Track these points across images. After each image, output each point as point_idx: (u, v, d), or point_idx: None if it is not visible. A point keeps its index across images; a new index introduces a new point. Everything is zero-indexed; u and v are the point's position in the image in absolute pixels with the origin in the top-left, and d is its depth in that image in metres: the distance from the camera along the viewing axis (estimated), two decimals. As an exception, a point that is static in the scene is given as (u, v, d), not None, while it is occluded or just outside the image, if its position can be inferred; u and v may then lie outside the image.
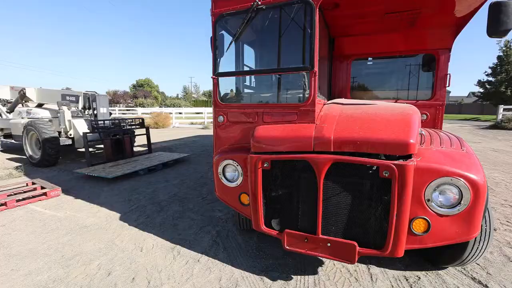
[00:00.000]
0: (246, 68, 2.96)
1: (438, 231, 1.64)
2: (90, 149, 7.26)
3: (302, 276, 2.08)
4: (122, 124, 6.34)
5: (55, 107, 6.74)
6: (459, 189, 1.57)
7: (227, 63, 2.65)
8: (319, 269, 2.16)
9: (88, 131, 5.79)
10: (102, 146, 6.40)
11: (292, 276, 2.08)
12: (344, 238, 1.78)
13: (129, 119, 6.74)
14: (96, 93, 6.87)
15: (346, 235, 1.78)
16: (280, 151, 1.88)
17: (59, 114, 6.29)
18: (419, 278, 2.05)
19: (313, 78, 1.97)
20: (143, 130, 6.81)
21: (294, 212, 1.94)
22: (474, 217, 1.59)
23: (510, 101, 23.08)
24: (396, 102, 3.20)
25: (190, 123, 19.28)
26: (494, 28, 1.89)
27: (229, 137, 2.38)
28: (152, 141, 8.62)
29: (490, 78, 26.19)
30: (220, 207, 3.45)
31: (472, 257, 1.89)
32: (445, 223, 1.63)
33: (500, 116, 15.19)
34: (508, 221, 3.03)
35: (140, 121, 6.76)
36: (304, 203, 1.88)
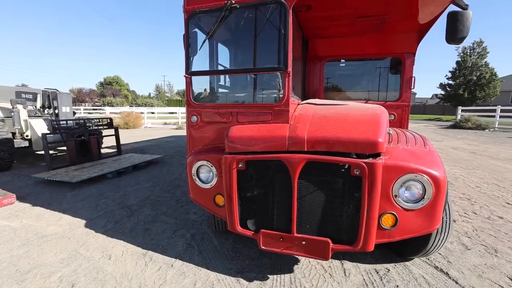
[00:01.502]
0: (220, 68, 2.92)
1: (405, 225, 1.74)
2: (51, 152, 6.72)
3: (279, 275, 2.09)
4: (88, 125, 5.95)
5: (9, 105, 6.13)
6: (423, 184, 1.67)
7: (201, 62, 2.58)
8: (295, 267, 2.19)
9: (48, 132, 5.35)
10: (65, 148, 5.94)
11: (269, 276, 2.09)
12: (318, 235, 1.82)
13: (96, 119, 6.33)
14: (57, 90, 6.36)
15: (320, 232, 1.82)
16: (255, 151, 1.88)
17: (13, 114, 5.73)
18: (388, 270, 2.15)
19: (287, 79, 1.99)
20: (112, 131, 6.44)
21: (269, 212, 1.94)
22: (435, 210, 1.70)
23: (468, 103, 25.51)
24: (366, 102, 3.34)
25: (163, 123, 18.66)
26: (452, 36, 2.05)
27: (203, 138, 2.32)
28: (122, 142, 8.19)
29: (450, 82, 28.76)
30: (195, 210, 3.36)
31: (434, 247, 2.03)
32: (411, 217, 1.72)
33: (459, 117, 16.69)
34: (465, 213, 3.30)
35: (108, 121, 6.39)
36: (279, 203, 1.89)
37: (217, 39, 2.85)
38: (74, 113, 6.95)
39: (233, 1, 2.03)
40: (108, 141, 8.13)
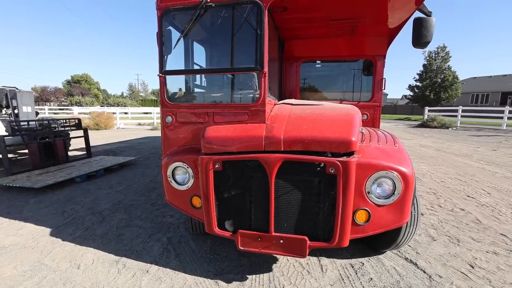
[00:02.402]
0: (196, 67, 2.86)
1: (377, 220, 1.82)
2: (10, 155, 6.19)
3: (257, 275, 2.09)
4: (53, 126, 5.56)
5: None
6: (393, 181, 1.75)
7: (176, 61, 2.52)
8: (274, 266, 2.20)
9: (6, 133, 4.92)
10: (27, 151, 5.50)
11: (247, 276, 2.08)
12: (295, 234, 1.84)
13: (63, 119, 5.94)
14: (16, 88, 5.88)
15: (297, 231, 1.85)
16: (232, 151, 1.86)
17: None
18: (363, 264, 2.24)
19: (263, 79, 1.99)
20: (81, 132, 6.07)
21: (247, 212, 1.93)
22: (405, 205, 1.80)
23: (433, 103, 27.46)
24: (341, 103, 3.45)
25: (137, 124, 17.96)
26: (417, 40, 2.19)
27: (179, 138, 2.26)
28: (93, 144, 7.76)
29: (418, 83, 30.84)
30: (172, 212, 3.27)
31: (404, 240, 2.14)
32: (382, 212, 1.80)
33: (426, 116, 17.84)
34: (432, 206, 3.53)
35: (76, 121, 6.02)
36: (257, 203, 1.89)
37: (193, 37, 2.79)
38: (37, 113, 6.46)
39: (208, 0, 2.00)
40: (77, 143, 7.66)
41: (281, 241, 1.83)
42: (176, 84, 2.54)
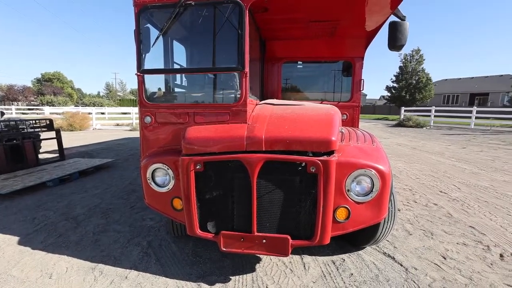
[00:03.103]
0: (176, 66, 2.81)
1: (357, 217, 1.86)
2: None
3: (240, 276, 2.08)
4: (21, 127, 5.21)
5: None
6: (371, 178, 1.81)
7: (155, 60, 2.45)
8: (257, 266, 2.20)
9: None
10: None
11: (230, 277, 2.06)
12: (278, 233, 1.85)
13: (32, 120, 5.59)
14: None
15: (279, 230, 1.86)
16: (213, 152, 1.84)
17: None
18: (344, 260, 2.29)
19: (244, 79, 1.98)
20: (53, 133, 5.74)
21: (229, 213, 1.92)
22: (382, 202, 1.86)
23: (409, 104, 28.89)
24: (321, 103, 3.52)
25: (115, 124, 17.32)
26: (393, 43, 2.29)
27: (158, 139, 2.20)
28: (66, 146, 7.38)
29: (395, 85, 32.38)
30: (152, 215, 3.17)
31: (383, 235, 2.22)
32: (361, 209, 1.85)
33: (402, 116, 18.63)
34: (408, 202, 3.68)
35: (48, 122, 5.68)
36: (239, 203, 1.88)
37: (172, 36, 2.74)
38: (3, 114, 6.04)
39: None
40: (49, 145, 7.25)
41: (264, 240, 1.83)
42: (155, 83, 2.48)
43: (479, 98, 36.13)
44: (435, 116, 16.89)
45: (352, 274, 2.10)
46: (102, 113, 19.85)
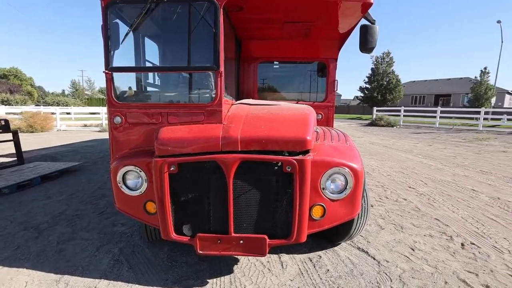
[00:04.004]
0: (148, 64, 2.70)
1: (332, 214, 1.90)
2: None
3: (218, 278, 2.04)
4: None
5: None
6: (345, 176, 1.86)
7: (125, 57, 2.34)
8: (235, 267, 2.17)
9: None
10: None
11: (208, 280, 2.01)
12: (255, 233, 1.84)
13: (-16, 120, 5.08)
14: None
15: (256, 230, 1.84)
16: (187, 153, 1.78)
17: None
18: (320, 257, 2.33)
19: (219, 78, 1.95)
20: (9, 135, 5.26)
21: (205, 215, 1.87)
22: (356, 198, 1.92)
23: (381, 104, 30.48)
24: (297, 103, 3.56)
25: (82, 125, 16.33)
26: (363, 45, 2.39)
27: (129, 141, 2.10)
28: (26, 149, 6.83)
29: (367, 85, 34.03)
30: (124, 220, 3.02)
31: (357, 231, 2.29)
32: (336, 206, 1.90)
33: (374, 116, 19.58)
34: (380, 198, 3.85)
35: (3, 123, 5.19)
36: (215, 204, 1.84)
37: (144, 33, 2.63)
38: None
39: None
40: (4, 149, 6.65)
41: (241, 241, 1.81)
42: (126, 82, 2.37)
43: (443, 99, 39.03)
44: (404, 115, 17.95)
45: (328, 270, 2.15)
46: (68, 113, 18.62)
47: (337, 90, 3.68)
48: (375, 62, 33.40)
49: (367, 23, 2.41)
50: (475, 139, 10.81)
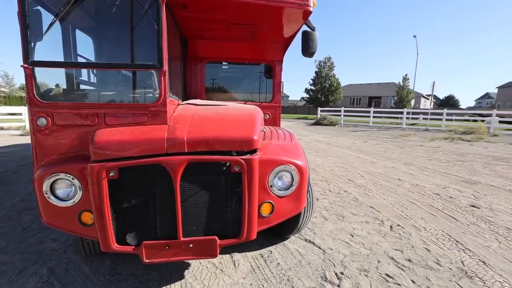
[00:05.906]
0: (80, 60, 2.44)
1: (280, 210, 1.99)
2: None
3: (168, 286, 1.96)
4: None
5: None
6: (291, 173, 1.96)
7: (51, 50, 2.08)
8: (186, 272, 2.11)
9: None
10: None
11: (157, 290, 1.92)
12: (205, 235, 1.81)
13: None
14: None
15: (206, 232, 1.82)
16: (129, 156, 1.66)
17: None
18: (271, 252, 2.42)
19: (162, 77, 1.86)
20: None
21: (151, 221, 1.77)
22: (301, 193, 2.04)
23: (324, 105, 32.96)
24: (245, 103, 3.62)
25: (-1, 128, 13.81)
26: (305, 50, 2.56)
27: (58, 145, 1.86)
28: None
29: (312, 87, 36.61)
30: (55, 236, 2.66)
31: (304, 224, 2.44)
32: (283, 202, 1.99)
33: (319, 116, 21.09)
34: (324, 192, 4.16)
35: None
36: (162, 209, 1.76)
37: (75, 24, 2.38)
38: None
39: None
40: None
41: (191, 245, 1.77)
42: (53, 78, 2.10)
43: (375, 100, 44.26)
44: (344, 115, 19.75)
45: (278, 263, 2.24)
46: (-21, 115, 15.54)
47: (283, 91, 3.85)
48: (318, 66, 36.17)
49: (308, 29, 2.58)
50: (400, 135, 12.49)
